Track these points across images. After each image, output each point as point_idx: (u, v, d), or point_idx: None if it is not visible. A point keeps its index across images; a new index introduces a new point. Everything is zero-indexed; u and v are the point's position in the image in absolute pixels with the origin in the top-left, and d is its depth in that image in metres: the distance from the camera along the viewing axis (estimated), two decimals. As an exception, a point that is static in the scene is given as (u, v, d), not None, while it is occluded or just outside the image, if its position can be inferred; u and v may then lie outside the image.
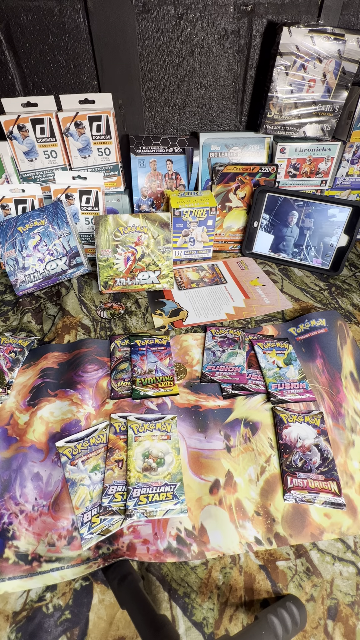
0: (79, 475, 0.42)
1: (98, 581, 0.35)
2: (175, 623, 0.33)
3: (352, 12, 0.71)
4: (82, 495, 0.40)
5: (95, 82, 0.73)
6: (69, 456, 0.43)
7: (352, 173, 0.79)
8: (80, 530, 0.38)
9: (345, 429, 0.47)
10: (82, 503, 0.40)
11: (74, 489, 0.41)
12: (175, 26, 0.68)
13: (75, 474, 0.42)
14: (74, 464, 0.42)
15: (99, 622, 0.33)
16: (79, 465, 0.42)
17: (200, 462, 0.44)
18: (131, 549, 0.37)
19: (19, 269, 0.69)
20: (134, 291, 0.71)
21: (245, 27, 0.69)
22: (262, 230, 0.79)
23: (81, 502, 0.40)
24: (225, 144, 0.76)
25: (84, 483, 0.41)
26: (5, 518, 0.39)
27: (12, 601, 0.34)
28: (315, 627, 0.33)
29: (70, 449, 0.44)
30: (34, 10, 0.64)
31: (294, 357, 0.56)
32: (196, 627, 0.33)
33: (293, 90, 0.69)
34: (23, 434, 0.46)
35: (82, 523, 0.38)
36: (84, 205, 0.75)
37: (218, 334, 0.60)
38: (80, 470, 0.42)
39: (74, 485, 0.41)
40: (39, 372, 0.54)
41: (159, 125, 0.80)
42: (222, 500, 0.41)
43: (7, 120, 0.67)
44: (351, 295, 0.70)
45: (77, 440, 0.45)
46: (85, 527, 0.38)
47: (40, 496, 0.41)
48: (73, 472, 0.42)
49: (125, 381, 0.53)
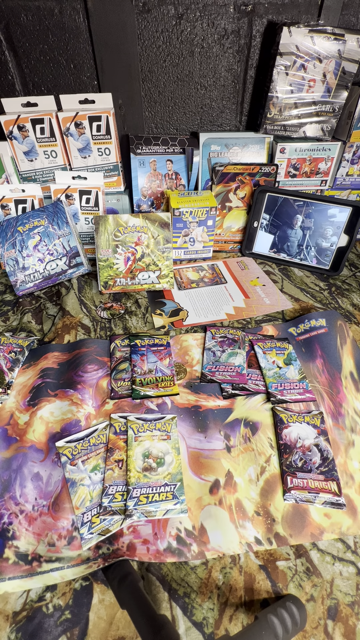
0: (79, 475, 0.42)
1: (98, 581, 0.35)
2: (175, 623, 0.33)
3: (352, 12, 0.71)
4: (82, 495, 0.40)
5: (95, 82, 0.73)
6: (69, 456, 0.43)
7: (352, 173, 0.79)
8: (80, 530, 0.38)
9: (345, 429, 0.47)
10: (82, 503, 0.40)
11: (74, 489, 0.41)
12: (175, 26, 0.68)
13: (75, 474, 0.42)
14: (74, 464, 0.42)
15: (99, 622, 0.33)
16: (79, 465, 0.42)
17: (200, 462, 0.44)
18: (131, 549, 0.37)
19: (19, 269, 0.69)
20: (134, 291, 0.71)
21: (245, 27, 0.70)
22: (262, 230, 0.79)
23: (81, 502, 0.40)
24: (225, 144, 0.76)
25: (84, 483, 0.41)
26: (5, 518, 0.39)
27: (12, 601, 0.34)
28: (315, 627, 0.33)
29: (70, 449, 0.44)
30: (34, 10, 0.64)
31: (294, 357, 0.56)
32: (196, 627, 0.33)
33: (293, 90, 0.69)
34: (23, 434, 0.46)
35: (82, 523, 0.38)
36: (84, 205, 0.75)
37: (218, 334, 0.60)
38: (80, 470, 0.42)
39: (74, 485, 0.41)
40: (39, 372, 0.54)
41: (159, 125, 0.80)
42: (222, 500, 0.41)
43: (7, 120, 0.67)
44: (351, 295, 0.70)
45: (77, 440, 0.45)
46: (86, 527, 0.38)
47: (40, 496, 0.41)
48: (73, 472, 0.42)
49: (125, 381, 0.53)
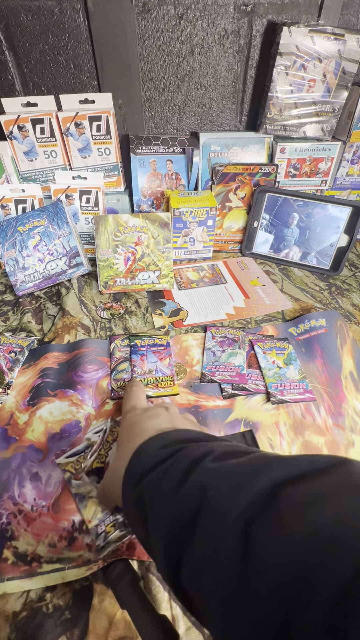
0: (85, 488, 0.40)
1: (98, 581, 0.35)
2: (175, 623, 0.33)
3: (352, 12, 0.71)
4: (92, 508, 0.39)
5: (95, 82, 0.73)
6: (72, 471, 0.42)
7: (352, 173, 0.79)
8: (96, 542, 0.37)
9: (345, 429, 0.47)
10: (93, 515, 0.39)
11: (83, 503, 0.39)
12: (175, 26, 0.68)
13: (82, 488, 0.40)
14: (78, 478, 0.41)
15: (99, 622, 0.33)
16: (84, 478, 0.41)
17: (200, 462, 0.44)
18: (131, 548, 0.37)
19: (19, 269, 0.69)
20: (134, 291, 0.71)
21: (245, 27, 0.69)
22: (262, 230, 0.79)
23: (92, 514, 0.39)
24: (225, 144, 0.76)
25: (92, 495, 0.40)
26: (3, 518, 0.39)
27: (12, 601, 0.34)
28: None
29: (72, 463, 0.42)
30: (34, 10, 0.64)
31: (294, 357, 0.56)
32: (196, 627, 0.33)
33: (293, 90, 0.69)
34: (22, 433, 0.46)
35: (97, 534, 0.37)
36: (84, 205, 0.75)
37: (218, 334, 0.60)
38: (86, 483, 0.41)
39: (83, 499, 0.40)
40: (39, 372, 0.54)
41: (159, 125, 0.80)
42: (222, 501, 0.41)
43: (7, 120, 0.67)
44: (351, 295, 0.70)
45: (78, 454, 0.43)
46: (101, 538, 0.37)
47: (39, 496, 0.41)
48: (80, 486, 0.40)
49: (125, 381, 0.53)
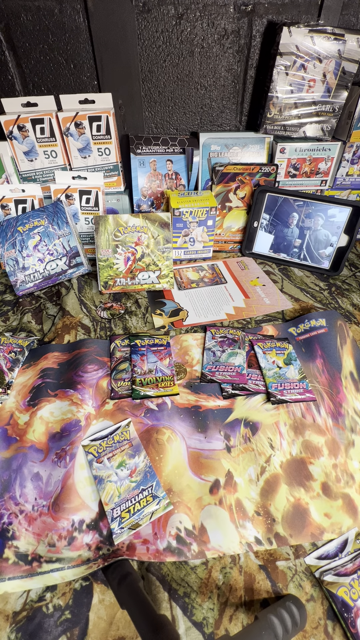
0: (105, 472, 0.42)
1: (98, 581, 0.35)
2: (175, 623, 0.33)
3: (352, 12, 0.71)
4: (110, 492, 0.41)
5: (95, 82, 0.73)
6: (95, 454, 0.44)
7: (352, 173, 0.79)
8: (111, 525, 0.38)
9: (345, 429, 0.47)
10: (110, 499, 0.40)
11: (101, 485, 0.41)
12: (175, 26, 0.68)
13: (102, 471, 0.42)
14: (100, 461, 0.43)
15: (99, 622, 0.33)
16: (105, 462, 0.43)
17: (200, 462, 0.44)
18: (131, 548, 0.37)
19: (19, 269, 0.69)
20: (134, 291, 0.71)
21: (245, 27, 0.69)
22: (262, 230, 0.79)
23: (110, 497, 0.40)
24: (225, 144, 0.76)
25: (111, 479, 0.42)
26: (5, 518, 0.39)
27: (12, 601, 0.34)
28: (315, 627, 0.33)
29: (95, 447, 0.45)
30: (34, 10, 0.64)
31: (294, 357, 0.56)
32: (196, 627, 0.33)
33: (293, 90, 0.69)
34: (23, 434, 0.46)
35: (112, 518, 0.39)
36: (84, 205, 0.75)
37: (218, 334, 0.60)
38: (106, 467, 0.43)
39: (102, 482, 0.42)
40: (39, 372, 0.54)
41: (159, 125, 0.80)
42: (222, 500, 0.41)
43: (7, 120, 0.67)
44: (351, 295, 0.70)
45: (102, 438, 0.46)
46: (116, 522, 0.38)
47: (40, 496, 0.41)
48: (100, 469, 0.43)
49: (125, 381, 0.53)
